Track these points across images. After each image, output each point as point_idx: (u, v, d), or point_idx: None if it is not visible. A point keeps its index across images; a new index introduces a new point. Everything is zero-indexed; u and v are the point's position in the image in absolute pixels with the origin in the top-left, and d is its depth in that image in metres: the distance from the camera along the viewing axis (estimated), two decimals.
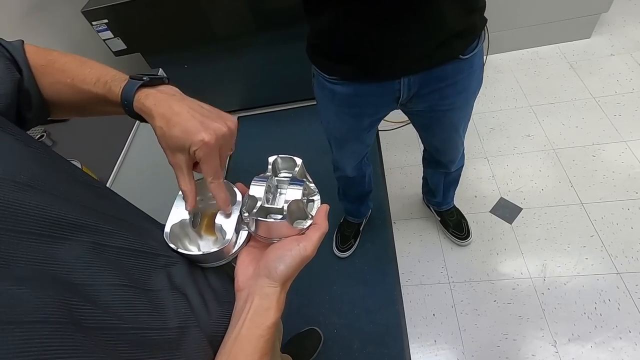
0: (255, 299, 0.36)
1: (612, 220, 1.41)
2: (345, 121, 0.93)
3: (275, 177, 0.44)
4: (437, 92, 0.82)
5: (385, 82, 0.79)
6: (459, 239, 1.44)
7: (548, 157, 1.64)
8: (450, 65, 0.77)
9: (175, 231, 0.41)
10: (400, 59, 0.74)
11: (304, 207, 0.41)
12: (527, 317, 1.27)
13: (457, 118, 0.93)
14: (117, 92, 0.40)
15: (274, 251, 0.38)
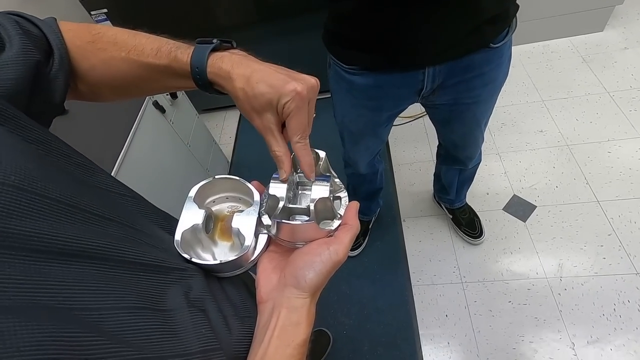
0: (283, 312, 0.32)
1: (630, 219, 1.37)
2: (362, 115, 0.88)
3: (297, 174, 0.40)
4: (463, 84, 0.77)
5: (409, 72, 0.74)
6: (472, 237, 1.40)
7: (562, 154, 1.59)
8: (480, 54, 0.72)
9: (187, 238, 0.36)
10: (428, 46, 0.68)
11: (332, 206, 0.36)
12: (543, 318, 1.23)
13: (480, 112, 0.88)
14: (185, 60, 0.37)
15: (301, 257, 0.33)
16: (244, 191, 0.40)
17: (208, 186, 0.39)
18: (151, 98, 1.24)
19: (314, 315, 0.33)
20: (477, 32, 0.67)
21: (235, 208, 0.41)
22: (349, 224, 0.35)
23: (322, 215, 0.36)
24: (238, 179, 0.39)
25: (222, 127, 2.16)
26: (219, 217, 0.40)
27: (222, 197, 0.41)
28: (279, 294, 0.33)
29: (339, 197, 0.39)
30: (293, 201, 0.39)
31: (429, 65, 0.72)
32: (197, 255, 0.37)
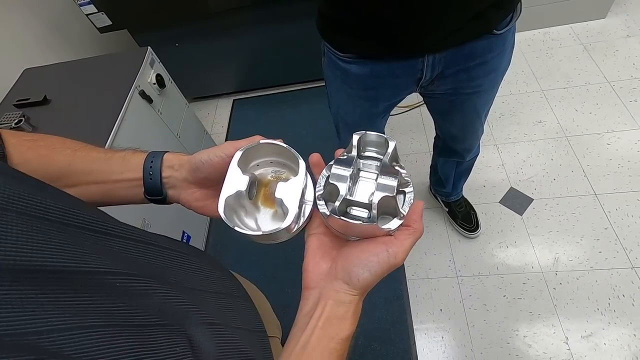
0: (329, 304, 0.31)
1: (627, 212, 1.35)
2: (358, 105, 0.84)
3: (360, 159, 0.36)
4: (464, 72, 0.73)
5: (407, 60, 0.70)
6: (468, 231, 1.38)
7: (560, 145, 1.57)
8: (483, 41, 0.68)
9: (230, 204, 0.35)
10: (428, 33, 0.64)
11: (396, 204, 0.33)
12: (538, 312, 1.22)
13: (481, 102, 0.84)
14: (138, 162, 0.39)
15: (357, 254, 0.32)
16: (289, 157, 0.38)
17: (252, 150, 0.38)
18: (137, 87, 1.18)
19: (360, 313, 0.32)
20: (481, 17, 0.63)
21: (279, 173, 0.39)
22: (412, 227, 0.33)
23: (383, 211, 0.33)
24: (283, 144, 0.37)
25: (214, 116, 2.11)
26: (262, 182, 0.39)
27: (266, 161, 0.40)
28: (327, 284, 0.32)
29: (404, 191, 0.35)
30: (352, 190, 0.35)
31: (429, 53, 0.68)
32: (240, 220, 0.36)
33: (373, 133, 0.35)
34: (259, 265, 1.50)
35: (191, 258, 0.38)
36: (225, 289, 0.40)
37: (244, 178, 0.35)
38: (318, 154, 0.37)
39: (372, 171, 0.36)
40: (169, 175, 0.39)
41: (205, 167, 0.37)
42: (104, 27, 1.56)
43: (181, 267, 0.35)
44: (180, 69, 1.83)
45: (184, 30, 1.69)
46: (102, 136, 1.03)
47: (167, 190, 0.39)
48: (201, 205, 0.40)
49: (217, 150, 0.37)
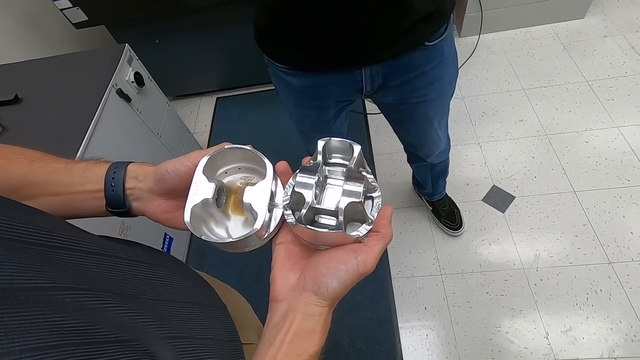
0: (298, 317, 0.30)
1: (605, 209, 1.39)
2: (306, 114, 0.84)
3: (326, 166, 0.36)
4: (407, 84, 0.74)
5: (344, 72, 0.70)
6: (452, 229, 1.39)
7: (541, 143, 1.60)
8: (419, 53, 0.68)
9: (198, 213, 0.34)
10: (360, 46, 0.64)
11: (363, 209, 0.32)
12: (519, 309, 1.24)
13: (431, 111, 0.84)
14: (100, 172, 0.38)
15: (325, 263, 0.31)
16: (257, 161, 0.37)
17: (218, 157, 0.36)
18: (114, 86, 1.15)
19: (329, 326, 0.31)
20: (412, 30, 0.63)
21: (249, 179, 0.38)
22: (381, 232, 0.32)
23: (351, 217, 0.33)
24: (250, 148, 0.36)
25: (197, 115, 2.07)
26: (231, 189, 0.38)
27: (234, 167, 0.38)
28: (295, 297, 0.31)
29: (372, 197, 0.35)
30: (320, 197, 0.35)
31: (364, 65, 0.68)
32: (210, 230, 0.35)
33: (336, 139, 0.35)
34: (243, 267, 1.48)
35: (157, 268, 0.36)
36: (196, 298, 0.39)
37: (210, 185, 0.34)
38: (285, 162, 0.36)
39: (338, 178, 0.35)
40: (133, 186, 0.37)
41: (171, 177, 0.35)
42: (80, 22, 1.50)
43: (144, 278, 0.34)
44: (161, 66, 1.79)
45: (164, 26, 1.65)
46: (77, 136, 0.99)
47: (130, 203, 0.37)
48: (168, 218, 0.38)
49: (183, 160, 0.35)
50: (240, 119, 1.99)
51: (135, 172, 0.37)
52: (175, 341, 0.30)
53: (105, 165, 0.38)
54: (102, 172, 0.37)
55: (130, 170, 0.37)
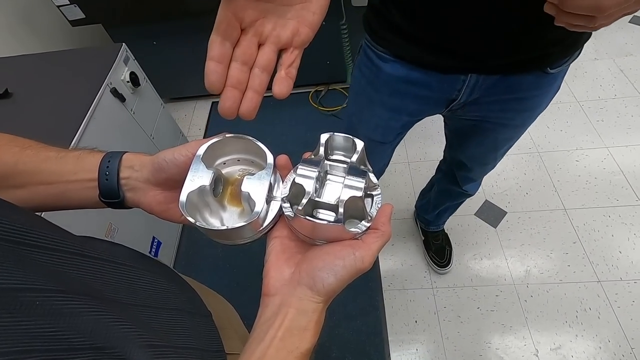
0: (290, 312, 0.29)
1: (594, 227, 1.40)
2: (377, 114, 0.76)
3: (327, 161, 0.35)
4: (499, 104, 0.67)
5: (449, 74, 0.63)
6: (438, 266, 1.35)
7: (533, 160, 1.62)
8: (531, 76, 0.62)
9: (193, 200, 0.33)
10: (486, 52, 0.57)
11: (364, 206, 0.32)
12: (510, 325, 1.24)
13: (504, 136, 0.78)
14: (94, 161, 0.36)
15: (322, 257, 0.30)
16: (257, 153, 0.36)
17: (218, 145, 0.35)
18: (109, 85, 1.13)
19: (322, 324, 0.30)
20: (544, 50, 0.58)
21: (247, 171, 0.37)
22: (380, 230, 0.31)
23: (350, 214, 0.33)
24: (251, 138, 0.36)
25: (192, 118, 2.05)
26: (229, 180, 0.37)
27: (233, 158, 0.38)
28: (289, 291, 0.30)
29: (372, 195, 0.34)
30: (320, 191, 0.34)
31: (477, 72, 0.61)
32: (204, 220, 0.34)
33: (341, 135, 0.35)
34: (232, 273, 1.45)
35: (141, 272, 0.35)
36: (180, 305, 0.37)
37: (208, 173, 0.33)
38: (285, 156, 0.36)
39: (339, 174, 0.35)
40: (128, 176, 0.36)
41: (169, 166, 0.34)
42: (76, 20, 1.48)
43: (126, 282, 0.32)
44: (158, 67, 1.77)
45: (162, 28, 1.64)
46: (68, 134, 0.97)
47: (125, 193, 0.36)
48: (164, 209, 0.37)
49: (182, 149, 0.34)
50: (235, 124, 1.96)
51: (130, 161, 0.36)
52: (156, 350, 0.29)
53: (100, 154, 0.37)
54: (96, 160, 0.36)
55: (125, 160, 0.36)
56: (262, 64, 0.32)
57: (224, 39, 0.30)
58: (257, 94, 0.31)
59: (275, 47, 0.32)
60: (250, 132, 0.96)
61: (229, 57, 0.30)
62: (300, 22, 0.32)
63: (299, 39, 0.32)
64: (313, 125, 1.89)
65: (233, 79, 0.30)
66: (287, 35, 0.31)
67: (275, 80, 0.32)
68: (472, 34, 0.56)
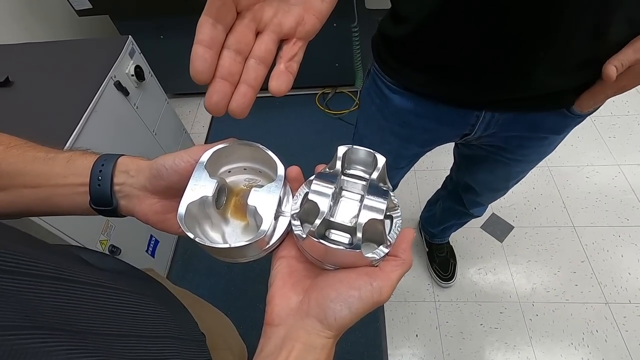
0: (297, 348, 0.25)
1: (603, 247, 1.37)
2: (387, 141, 0.72)
3: (344, 176, 0.32)
4: (516, 139, 0.64)
5: (461, 109, 0.59)
6: (442, 279, 1.32)
7: (542, 175, 1.58)
8: (555, 117, 0.59)
9: (193, 212, 0.30)
10: (504, 87, 0.53)
11: (384, 230, 0.28)
12: (513, 344, 1.20)
13: (517, 170, 0.75)
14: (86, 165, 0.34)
15: (335, 286, 0.27)
16: (266, 162, 0.33)
17: (223, 152, 0.32)
18: (113, 77, 1.09)
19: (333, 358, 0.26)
20: (564, 91, 0.54)
21: (254, 182, 0.35)
22: (400, 258, 0.28)
23: (367, 236, 0.29)
24: (260, 146, 0.33)
25: (196, 115, 2.02)
26: (233, 190, 0.34)
27: (239, 167, 0.35)
28: (296, 322, 0.27)
29: (391, 216, 0.31)
30: (333, 209, 0.30)
31: (490, 110, 0.57)
32: (204, 233, 0.31)
33: (361, 148, 0.31)
34: (230, 276, 1.42)
35: (128, 295, 0.31)
36: (171, 331, 0.33)
37: (211, 182, 0.30)
38: (297, 167, 0.32)
39: (356, 191, 0.32)
40: (123, 182, 0.32)
41: (169, 173, 0.31)
42: (83, 10, 1.45)
43: (109, 308, 0.28)
44: (164, 62, 1.74)
45: (171, 22, 1.61)
46: (68, 126, 0.93)
47: (118, 200, 0.33)
48: (161, 220, 0.34)
49: (184, 155, 0.31)
50: (240, 123, 1.94)
51: (126, 165, 0.33)
52: None
53: (93, 157, 0.33)
54: (89, 163, 0.33)
55: (120, 164, 0.33)
56: (260, 55, 0.27)
57: (216, 21, 0.24)
58: (252, 88, 0.26)
59: (276, 37, 0.27)
60: (252, 133, 0.90)
61: (220, 43, 0.25)
62: (306, 9, 0.28)
63: (304, 29, 0.28)
64: (319, 128, 1.86)
65: (224, 70, 0.25)
66: (290, 24, 0.27)
67: (272, 74, 0.27)
68: (484, 65, 0.52)
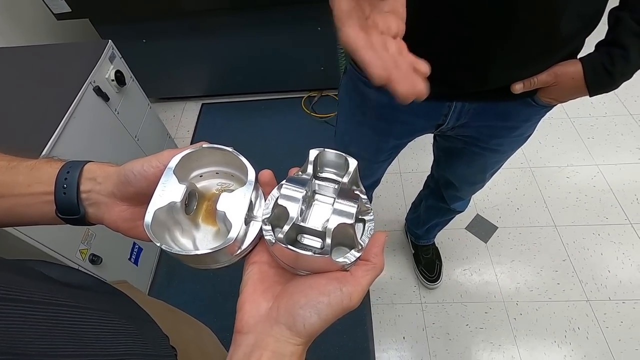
0: (265, 356, 0.25)
1: (584, 245, 1.40)
2: (366, 135, 0.76)
3: (316, 180, 0.32)
4: (488, 129, 0.68)
5: (432, 101, 0.64)
6: (428, 280, 1.33)
7: (524, 175, 1.61)
8: (523, 107, 0.63)
9: (161, 218, 0.29)
10: (472, 79, 0.57)
11: (354, 234, 0.28)
12: (498, 343, 1.21)
13: (492, 161, 0.79)
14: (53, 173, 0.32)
15: (304, 292, 0.27)
16: (238, 166, 0.32)
17: (194, 156, 0.32)
18: (92, 83, 1.07)
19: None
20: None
21: (226, 186, 0.34)
22: (371, 262, 0.28)
23: (339, 241, 0.29)
24: (231, 150, 0.32)
25: (180, 119, 1.99)
26: (205, 195, 0.33)
27: (211, 171, 0.34)
28: (265, 330, 0.26)
29: (363, 219, 0.30)
30: (306, 213, 0.30)
31: (461, 100, 0.62)
32: (174, 240, 0.31)
33: (332, 151, 0.31)
34: (216, 282, 1.40)
35: (88, 312, 0.30)
36: (138, 349, 0.32)
37: (180, 188, 0.30)
38: (269, 171, 0.32)
39: (329, 195, 0.32)
40: (90, 189, 0.32)
41: (137, 179, 0.30)
42: (62, 13, 1.42)
43: (64, 328, 0.26)
44: (147, 66, 1.72)
45: (153, 26, 1.59)
46: (45, 133, 0.91)
47: (86, 208, 0.32)
48: (131, 227, 0.33)
49: (152, 159, 0.30)
50: (225, 127, 1.93)
51: (93, 172, 0.32)
52: None
53: (58, 164, 0.32)
54: (54, 171, 0.32)
55: (87, 171, 0.32)
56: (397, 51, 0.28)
57: (361, 30, 0.26)
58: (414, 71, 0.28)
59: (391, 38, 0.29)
60: (240, 137, 0.89)
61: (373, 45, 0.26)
62: (395, 15, 0.29)
63: (401, 31, 0.29)
64: (305, 131, 1.86)
65: (389, 62, 0.26)
66: (395, 28, 0.29)
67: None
68: (451, 61, 0.55)
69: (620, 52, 0.54)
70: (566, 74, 0.57)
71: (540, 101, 0.62)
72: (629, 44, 0.53)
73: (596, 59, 0.56)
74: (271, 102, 2.00)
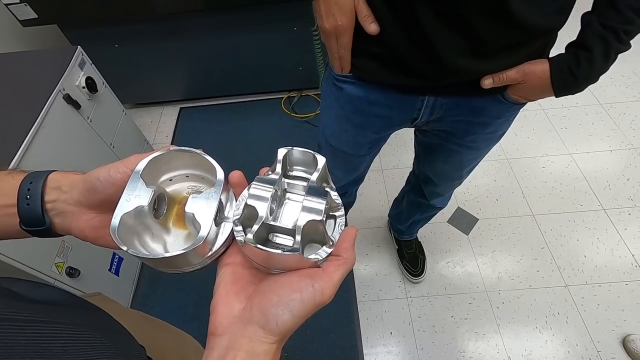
0: (239, 356, 0.24)
1: (561, 232, 1.44)
2: (345, 129, 0.77)
3: (285, 179, 0.32)
4: (463, 124, 0.69)
5: (406, 94, 0.64)
6: (412, 275, 1.35)
7: (502, 167, 1.65)
8: (495, 104, 0.64)
9: (129, 223, 0.28)
10: (442, 73, 0.58)
11: (325, 230, 0.28)
12: (482, 332, 1.24)
13: (468, 158, 0.81)
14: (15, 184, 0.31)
15: (276, 290, 0.26)
16: (208, 168, 0.32)
17: (162, 160, 0.31)
18: (61, 91, 1.04)
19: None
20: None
21: (197, 189, 0.34)
22: (342, 257, 0.28)
23: (310, 238, 0.29)
24: (198, 152, 0.32)
25: (158, 125, 1.96)
26: (175, 199, 0.33)
27: (181, 174, 0.33)
28: (238, 331, 0.26)
29: (334, 216, 0.31)
30: (276, 213, 0.30)
31: (435, 94, 0.63)
32: (144, 245, 0.30)
33: (300, 149, 0.31)
34: (200, 289, 1.38)
35: (58, 327, 0.29)
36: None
37: (147, 192, 0.29)
38: (240, 172, 0.32)
39: (299, 193, 0.32)
40: (55, 198, 0.31)
41: (104, 186, 0.30)
42: (28, 20, 1.38)
43: (33, 343, 0.26)
44: (120, 72, 1.68)
45: (125, 30, 1.55)
46: (13, 143, 0.88)
47: (52, 219, 0.31)
48: (99, 235, 0.32)
49: (119, 165, 0.30)
50: (205, 131, 1.91)
51: (58, 181, 0.31)
52: None
53: (21, 175, 0.31)
54: (16, 182, 0.31)
55: (51, 180, 0.31)
56: None
57: None
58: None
59: None
60: (219, 140, 0.89)
61: None
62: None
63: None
64: (285, 132, 1.86)
65: None
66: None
67: None
68: (423, 55, 0.56)
69: (585, 54, 0.55)
70: (533, 73, 0.58)
71: (510, 98, 0.63)
72: (594, 47, 0.54)
73: (563, 60, 0.58)
74: (251, 103, 1.99)
